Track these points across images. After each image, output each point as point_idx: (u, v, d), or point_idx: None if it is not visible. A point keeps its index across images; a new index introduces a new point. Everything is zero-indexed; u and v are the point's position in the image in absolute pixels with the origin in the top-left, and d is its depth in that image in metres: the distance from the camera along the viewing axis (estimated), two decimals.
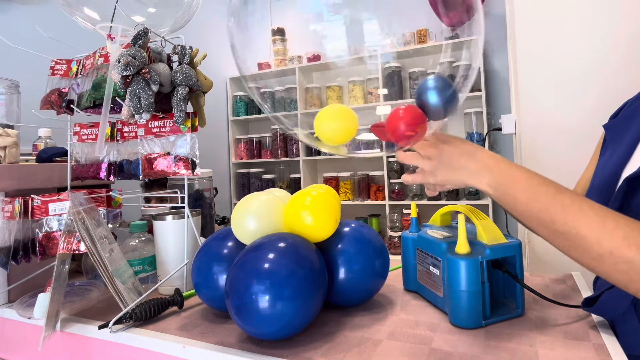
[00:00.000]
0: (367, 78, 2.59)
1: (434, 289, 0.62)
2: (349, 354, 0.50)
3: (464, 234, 0.56)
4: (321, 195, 0.60)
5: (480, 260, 0.55)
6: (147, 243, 0.80)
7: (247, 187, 2.95)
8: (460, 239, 0.56)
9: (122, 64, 0.64)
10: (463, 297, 0.55)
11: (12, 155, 0.81)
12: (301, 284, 0.51)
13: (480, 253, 0.56)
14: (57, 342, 0.66)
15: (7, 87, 0.90)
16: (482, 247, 0.57)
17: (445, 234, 0.63)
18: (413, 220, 0.70)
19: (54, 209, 0.71)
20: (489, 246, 0.56)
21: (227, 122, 3.02)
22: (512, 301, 0.60)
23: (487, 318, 0.56)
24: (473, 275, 0.54)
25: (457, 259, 0.55)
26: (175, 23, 0.78)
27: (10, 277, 0.76)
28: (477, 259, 0.54)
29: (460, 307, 0.55)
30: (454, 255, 0.56)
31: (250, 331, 0.51)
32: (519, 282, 0.57)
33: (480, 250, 0.56)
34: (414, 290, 0.70)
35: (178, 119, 0.70)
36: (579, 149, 2.01)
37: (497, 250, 0.56)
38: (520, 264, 0.58)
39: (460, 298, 0.55)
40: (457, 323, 0.56)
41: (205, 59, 0.77)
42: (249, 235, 0.59)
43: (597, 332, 0.52)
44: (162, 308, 0.64)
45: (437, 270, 0.60)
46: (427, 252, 0.64)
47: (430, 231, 0.66)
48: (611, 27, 1.93)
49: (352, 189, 2.63)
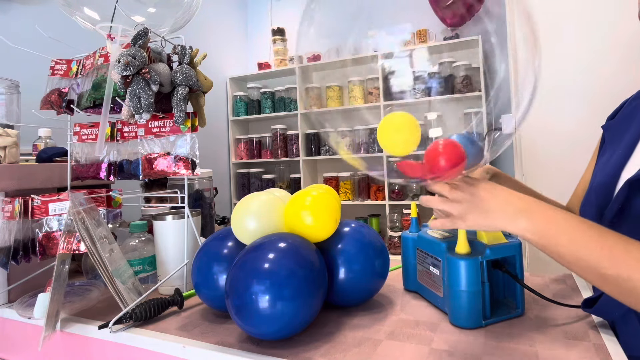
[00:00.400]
0: (367, 78, 2.59)
1: (434, 289, 0.62)
2: (349, 354, 0.50)
3: (464, 234, 0.56)
4: (321, 195, 0.60)
5: (481, 260, 0.55)
6: (147, 243, 0.80)
7: (247, 187, 2.95)
8: (460, 239, 0.56)
9: (122, 64, 0.64)
10: (463, 297, 0.55)
11: (12, 155, 0.81)
12: (301, 284, 0.51)
13: (480, 253, 0.56)
14: (57, 342, 0.66)
15: (7, 87, 0.90)
16: (482, 247, 0.57)
17: (445, 234, 0.64)
18: (413, 220, 0.70)
19: (54, 209, 0.71)
20: (489, 246, 0.56)
21: (227, 122, 3.02)
22: (512, 301, 0.60)
23: (487, 318, 0.56)
24: (473, 275, 0.54)
25: (457, 259, 0.55)
26: (175, 23, 0.78)
27: (10, 277, 0.76)
28: (477, 259, 0.55)
29: (460, 307, 0.55)
30: (454, 255, 0.56)
31: (250, 331, 0.51)
32: (519, 282, 0.57)
33: (480, 250, 0.56)
34: (414, 290, 0.70)
35: (178, 119, 0.70)
36: (578, 148, 2.01)
37: (497, 251, 0.56)
38: (520, 264, 0.58)
39: (460, 298, 0.55)
40: (457, 323, 0.56)
41: (205, 59, 0.77)
42: (249, 235, 0.59)
43: (597, 332, 0.52)
44: (162, 308, 0.64)
45: (437, 270, 0.60)
46: (427, 252, 0.64)
47: (430, 231, 0.66)
48: (610, 27, 1.93)
49: (352, 189, 2.63)
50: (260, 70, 2.99)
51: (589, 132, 1.98)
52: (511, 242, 0.58)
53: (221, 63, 3.00)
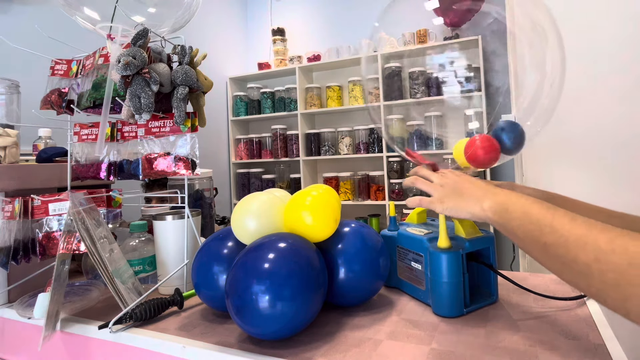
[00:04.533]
0: (367, 78, 2.58)
1: (416, 283, 0.65)
2: (349, 354, 0.50)
3: (444, 229, 0.60)
4: (321, 196, 0.60)
5: (461, 253, 0.59)
6: (147, 243, 0.80)
7: (247, 187, 2.95)
8: (441, 234, 0.60)
9: (122, 64, 0.64)
10: (446, 288, 0.59)
11: (12, 155, 0.81)
12: (301, 284, 0.51)
13: (460, 247, 0.60)
14: (57, 342, 0.66)
15: (7, 87, 0.90)
16: (462, 241, 0.61)
17: (425, 230, 0.66)
18: (391, 219, 0.73)
19: (54, 209, 0.71)
20: (468, 240, 0.61)
21: (227, 122, 3.02)
22: (486, 289, 0.65)
23: (468, 306, 0.60)
24: (455, 267, 0.58)
25: (440, 253, 0.58)
26: (175, 23, 0.78)
27: (10, 277, 0.76)
28: (459, 252, 0.59)
29: (443, 297, 0.59)
30: (436, 249, 0.59)
31: (250, 331, 0.51)
32: (495, 272, 0.63)
33: (460, 244, 0.60)
34: (394, 286, 0.72)
35: (178, 119, 0.70)
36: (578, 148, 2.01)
37: (475, 243, 0.61)
38: (493, 255, 0.63)
39: (444, 289, 0.59)
40: (441, 312, 0.60)
41: (205, 59, 0.77)
42: (249, 235, 0.59)
43: (597, 332, 0.52)
44: (162, 308, 0.64)
45: (419, 265, 0.63)
46: (408, 249, 0.66)
47: (409, 229, 0.68)
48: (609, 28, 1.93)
49: (352, 189, 2.63)
50: (260, 70, 2.99)
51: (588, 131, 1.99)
52: (486, 235, 0.63)
53: (221, 63, 3.00)
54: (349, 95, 2.73)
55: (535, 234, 0.45)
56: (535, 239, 0.45)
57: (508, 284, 0.69)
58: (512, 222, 0.49)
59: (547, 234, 0.44)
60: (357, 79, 2.66)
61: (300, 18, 3.12)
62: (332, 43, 2.89)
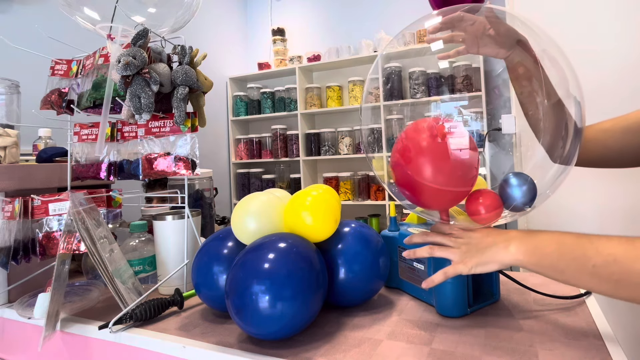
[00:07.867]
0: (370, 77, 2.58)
1: (418, 284, 0.64)
2: (349, 354, 0.50)
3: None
4: (321, 196, 0.60)
5: None
6: (147, 243, 0.80)
7: (247, 187, 2.95)
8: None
9: (122, 64, 0.64)
10: (450, 289, 0.58)
11: (12, 155, 0.81)
12: (301, 284, 0.51)
13: None
14: (57, 342, 0.66)
15: (7, 87, 0.90)
16: None
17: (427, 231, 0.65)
18: (392, 219, 0.72)
19: (54, 209, 0.71)
20: None
21: (227, 122, 3.02)
22: (488, 289, 0.64)
23: (472, 306, 0.60)
24: None
25: None
26: (175, 23, 0.78)
27: (10, 277, 0.76)
28: None
29: (447, 297, 0.59)
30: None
31: (250, 331, 0.51)
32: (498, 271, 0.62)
33: None
34: (395, 287, 0.71)
35: (178, 119, 0.70)
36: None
37: None
38: None
39: (447, 289, 0.58)
40: (445, 313, 0.59)
41: (205, 59, 0.77)
42: (249, 235, 0.59)
43: (597, 332, 0.52)
44: (162, 308, 0.64)
45: (422, 265, 0.63)
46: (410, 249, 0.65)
47: (411, 229, 0.68)
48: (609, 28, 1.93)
49: (352, 189, 2.63)
50: (260, 70, 2.99)
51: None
52: None
53: (221, 63, 3.00)
54: (349, 95, 2.73)
55: (581, 261, 0.45)
56: (582, 265, 0.45)
57: (508, 283, 0.69)
58: (547, 257, 0.48)
59: (593, 257, 0.44)
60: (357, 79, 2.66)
61: (300, 18, 3.12)
62: (332, 43, 2.90)
